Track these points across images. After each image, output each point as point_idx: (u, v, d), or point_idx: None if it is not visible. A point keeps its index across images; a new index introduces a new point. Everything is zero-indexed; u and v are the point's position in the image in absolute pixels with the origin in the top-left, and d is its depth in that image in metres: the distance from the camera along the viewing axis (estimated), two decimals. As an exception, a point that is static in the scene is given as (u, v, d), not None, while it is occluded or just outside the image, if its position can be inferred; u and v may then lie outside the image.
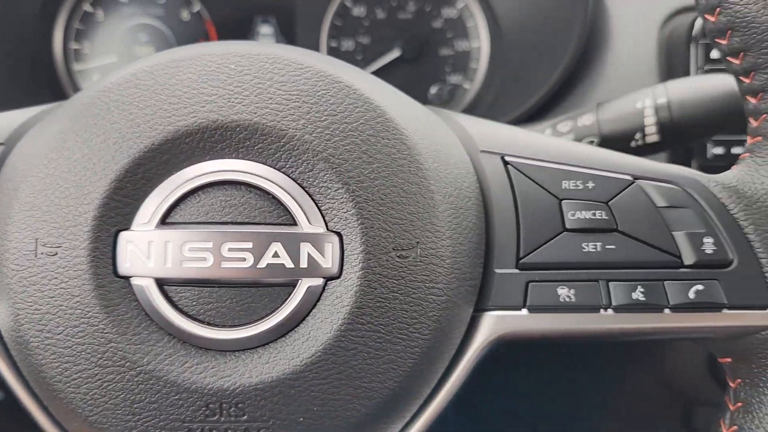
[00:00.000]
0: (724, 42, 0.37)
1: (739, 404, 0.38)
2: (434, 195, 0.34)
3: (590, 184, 0.37)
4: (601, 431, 0.83)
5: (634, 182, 0.37)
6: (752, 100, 0.37)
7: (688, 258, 0.36)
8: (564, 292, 0.36)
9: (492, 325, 0.36)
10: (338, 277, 0.32)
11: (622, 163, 0.38)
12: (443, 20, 0.79)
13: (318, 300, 0.32)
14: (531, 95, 0.69)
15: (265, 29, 0.79)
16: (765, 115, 0.37)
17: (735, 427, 0.37)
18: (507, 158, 0.38)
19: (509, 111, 0.71)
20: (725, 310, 0.36)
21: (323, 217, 0.33)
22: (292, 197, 0.32)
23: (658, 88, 0.52)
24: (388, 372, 0.33)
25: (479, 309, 0.37)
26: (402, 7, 0.79)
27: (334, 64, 0.35)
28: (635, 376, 0.78)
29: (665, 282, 0.36)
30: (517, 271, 0.36)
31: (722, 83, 0.50)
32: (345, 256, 0.32)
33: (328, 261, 0.32)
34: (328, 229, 0.33)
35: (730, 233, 0.36)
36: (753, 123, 0.38)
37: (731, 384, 0.39)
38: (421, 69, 0.79)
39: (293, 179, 0.33)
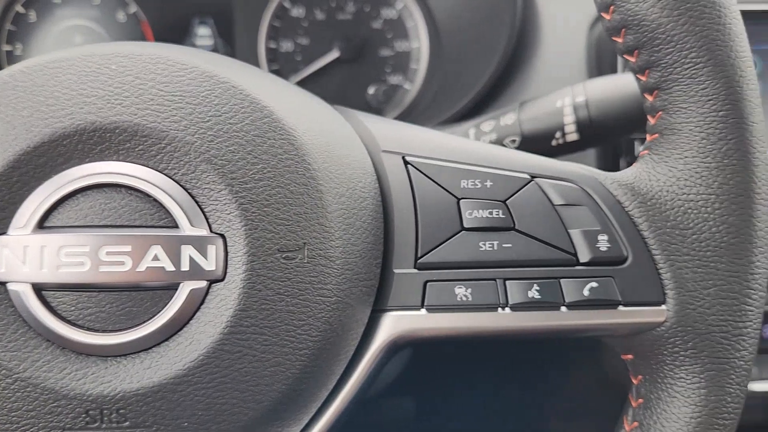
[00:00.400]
0: (619, 40, 0.37)
1: (640, 400, 0.38)
2: (324, 195, 0.33)
3: (488, 183, 0.37)
4: (547, 430, 0.83)
5: (531, 181, 0.37)
6: (649, 98, 0.38)
7: (584, 256, 0.36)
8: (461, 292, 0.36)
9: (391, 325, 0.36)
10: (222, 279, 0.32)
11: (520, 162, 0.38)
12: (383, 21, 0.79)
13: (202, 303, 0.32)
14: (466, 95, 0.70)
15: (203, 30, 0.78)
16: (661, 113, 0.37)
17: (636, 424, 0.38)
18: (408, 158, 0.38)
19: (446, 110, 0.71)
20: (621, 307, 0.36)
21: (207, 219, 0.32)
22: (173, 199, 0.32)
23: (577, 87, 0.53)
24: (276, 375, 0.32)
25: (378, 309, 0.36)
26: (341, 8, 0.79)
27: (222, 65, 0.35)
28: (580, 374, 0.79)
29: (561, 280, 0.36)
30: (415, 270, 0.36)
31: (637, 81, 0.50)
32: (229, 259, 0.32)
33: (212, 263, 0.32)
34: (211, 231, 0.32)
35: (625, 230, 0.36)
36: (651, 120, 0.38)
37: (634, 381, 0.39)
38: (361, 70, 0.79)
39: (175, 181, 0.32)
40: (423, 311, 0.36)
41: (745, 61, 0.36)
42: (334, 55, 0.78)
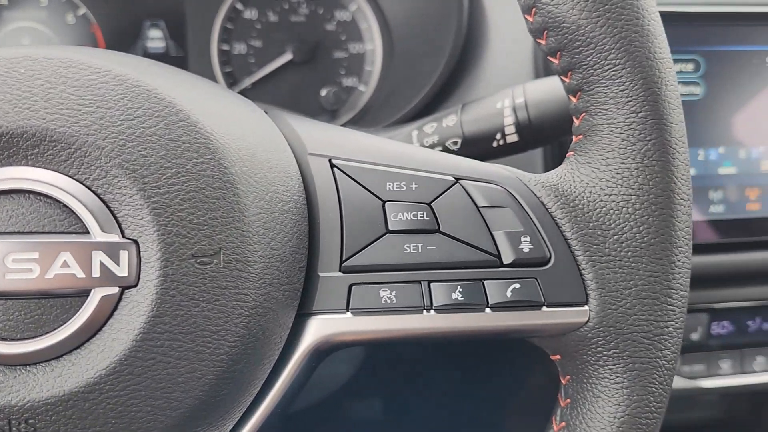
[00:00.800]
0: (542, 42, 0.38)
1: (568, 401, 0.38)
2: (241, 199, 0.33)
3: (413, 186, 0.37)
4: (503, 429, 0.84)
5: (456, 183, 0.37)
6: (573, 99, 0.38)
7: (507, 257, 0.36)
8: (386, 294, 0.36)
9: (316, 329, 0.36)
10: (135, 285, 0.31)
11: (446, 164, 0.38)
12: (336, 23, 0.78)
13: (114, 310, 0.31)
14: (417, 96, 0.70)
15: (154, 33, 0.77)
16: (584, 114, 0.38)
17: (563, 424, 0.38)
18: (334, 161, 0.38)
19: (398, 111, 0.71)
20: (544, 308, 0.36)
21: (119, 224, 0.32)
22: (84, 205, 0.31)
23: (518, 89, 0.53)
24: (192, 381, 0.32)
25: (303, 313, 0.36)
26: (294, 10, 0.78)
27: (138, 68, 0.34)
28: (535, 373, 0.79)
29: (485, 281, 0.36)
30: (340, 274, 0.36)
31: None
32: (142, 264, 0.31)
33: (124, 269, 0.31)
34: (124, 236, 0.32)
35: (548, 231, 0.36)
36: (576, 122, 0.39)
37: (562, 381, 0.39)
38: (315, 72, 0.78)
39: (86, 186, 0.32)
40: (348, 314, 0.36)
41: (664, 62, 0.36)
42: (287, 57, 0.77)
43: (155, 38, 0.77)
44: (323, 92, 0.77)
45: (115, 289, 0.31)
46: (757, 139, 0.68)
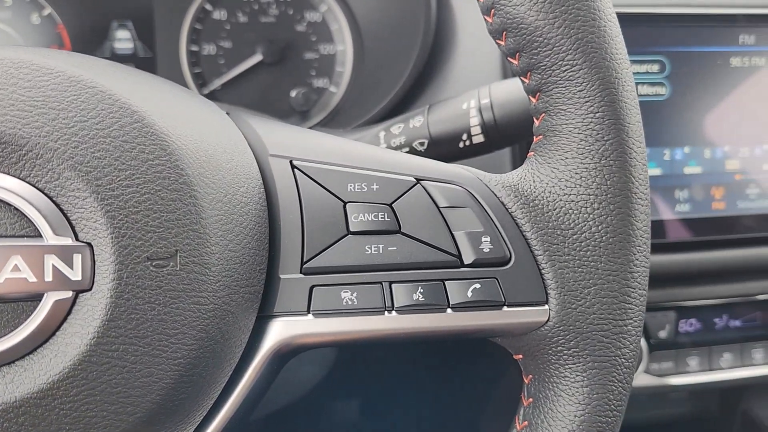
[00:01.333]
0: (502, 43, 0.38)
1: (530, 400, 0.38)
2: (199, 201, 0.33)
3: (375, 187, 0.37)
4: (482, 428, 0.84)
5: (417, 183, 0.37)
6: (533, 100, 0.38)
7: (468, 257, 0.36)
8: (347, 296, 0.36)
9: (277, 331, 0.36)
10: (89, 289, 0.31)
11: (407, 165, 0.38)
12: (306, 23, 0.78)
13: (68, 314, 0.31)
14: (387, 96, 0.70)
15: (122, 34, 0.77)
16: (543, 114, 0.38)
17: (526, 423, 0.38)
18: (295, 162, 0.38)
19: (369, 112, 0.71)
20: (505, 308, 0.36)
21: (72, 227, 0.31)
22: (35, 207, 0.31)
23: (483, 90, 0.53)
24: (148, 385, 0.32)
25: (264, 316, 0.36)
26: (264, 10, 0.78)
27: (93, 69, 0.34)
28: (510, 373, 0.80)
29: (446, 282, 0.36)
30: (301, 275, 0.36)
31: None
32: (96, 268, 0.31)
33: (77, 273, 0.31)
34: (77, 239, 0.31)
35: (508, 231, 0.36)
36: (536, 122, 0.39)
37: (525, 380, 0.39)
38: (285, 73, 0.78)
39: (38, 189, 0.31)
40: (309, 316, 0.36)
41: (621, 62, 0.37)
42: (257, 58, 0.77)
43: (123, 39, 0.77)
44: (293, 93, 0.76)
45: (69, 293, 0.31)
46: (722, 138, 0.69)
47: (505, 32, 0.37)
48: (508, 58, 0.38)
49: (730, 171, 0.69)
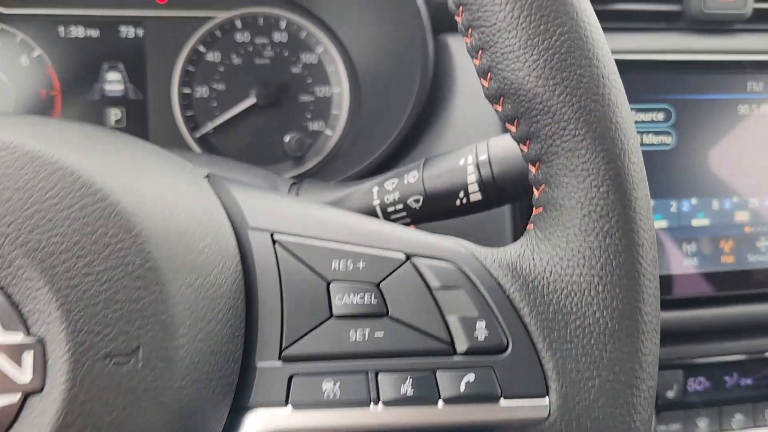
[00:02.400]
0: (499, 108, 0.35)
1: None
2: (166, 287, 0.30)
3: (361, 264, 0.34)
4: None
5: (407, 260, 0.35)
6: (532, 169, 0.36)
7: (461, 345, 0.33)
8: (329, 387, 0.33)
9: (253, 425, 0.33)
10: (40, 391, 0.28)
11: (397, 239, 0.35)
12: (302, 65, 0.76)
13: (14, 420, 0.28)
14: (385, 141, 0.67)
15: (113, 75, 0.75)
16: (543, 185, 0.35)
17: None
18: (276, 236, 0.35)
19: (366, 157, 0.69)
20: (502, 401, 0.33)
21: (24, 321, 0.28)
22: None
23: (481, 145, 0.50)
24: None
25: (239, 408, 0.33)
26: (259, 52, 0.76)
27: (55, 140, 0.31)
28: None
29: (437, 372, 0.33)
30: (279, 363, 0.33)
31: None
32: (48, 367, 0.28)
33: (27, 373, 0.28)
34: (29, 334, 0.28)
35: (505, 316, 0.34)
36: (536, 193, 0.36)
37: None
38: (280, 116, 0.76)
39: None
40: (288, 408, 0.33)
41: (627, 132, 0.34)
42: (251, 100, 0.75)
43: (114, 81, 0.74)
44: (287, 138, 0.74)
45: (16, 396, 0.28)
46: (730, 189, 0.66)
47: (502, 97, 0.34)
48: (506, 124, 0.36)
49: (739, 223, 0.66)
